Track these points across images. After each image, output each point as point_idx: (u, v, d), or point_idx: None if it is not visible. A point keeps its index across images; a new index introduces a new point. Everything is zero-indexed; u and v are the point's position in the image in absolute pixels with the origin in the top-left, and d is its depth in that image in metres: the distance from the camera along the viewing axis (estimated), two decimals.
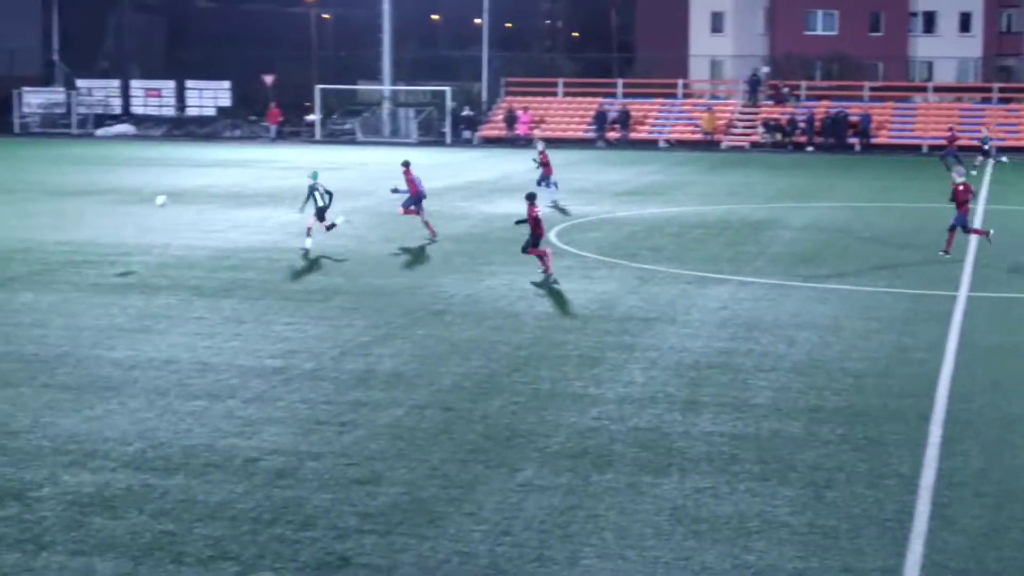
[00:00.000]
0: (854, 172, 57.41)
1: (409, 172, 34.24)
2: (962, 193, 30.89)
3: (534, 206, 28.61)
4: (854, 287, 27.08)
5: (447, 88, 77.20)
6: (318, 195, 31.10)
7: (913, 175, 56.10)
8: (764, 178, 53.74)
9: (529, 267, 29.06)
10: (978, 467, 15.17)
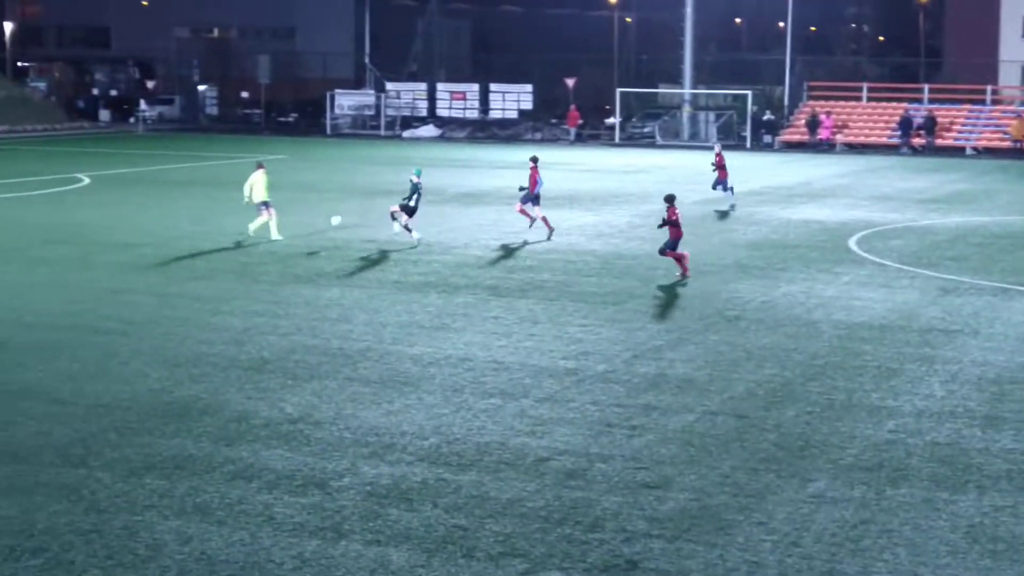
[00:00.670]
0: None
1: (536, 170, 34.88)
2: None
3: (674, 208, 28.22)
4: None
5: (748, 92, 76.52)
6: (418, 195, 32.27)
7: None
8: None
9: (828, 274, 28.58)
10: None
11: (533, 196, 34.84)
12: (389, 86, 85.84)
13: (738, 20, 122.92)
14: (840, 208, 42.45)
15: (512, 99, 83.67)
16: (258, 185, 33.20)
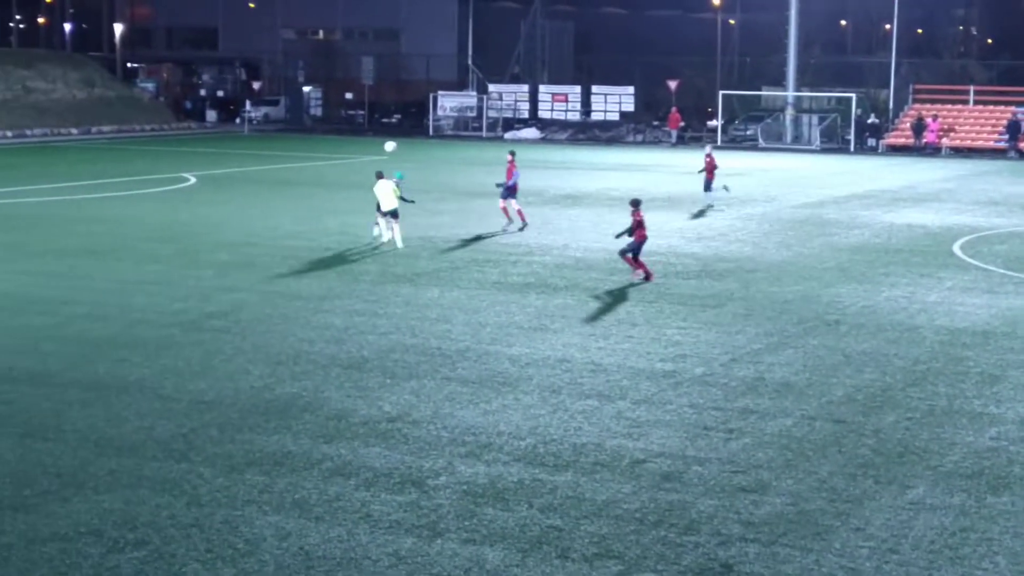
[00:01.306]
0: None
1: (513, 164, 35.93)
2: None
3: (639, 211, 28.05)
4: None
5: (852, 94, 75.77)
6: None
7: None
8: None
9: (931, 279, 28.26)
10: None
11: (509, 187, 35.77)
12: (491, 88, 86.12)
13: (843, 22, 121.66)
14: (945, 212, 41.91)
15: (614, 101, 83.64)
16: (385, 195, 32.29)
